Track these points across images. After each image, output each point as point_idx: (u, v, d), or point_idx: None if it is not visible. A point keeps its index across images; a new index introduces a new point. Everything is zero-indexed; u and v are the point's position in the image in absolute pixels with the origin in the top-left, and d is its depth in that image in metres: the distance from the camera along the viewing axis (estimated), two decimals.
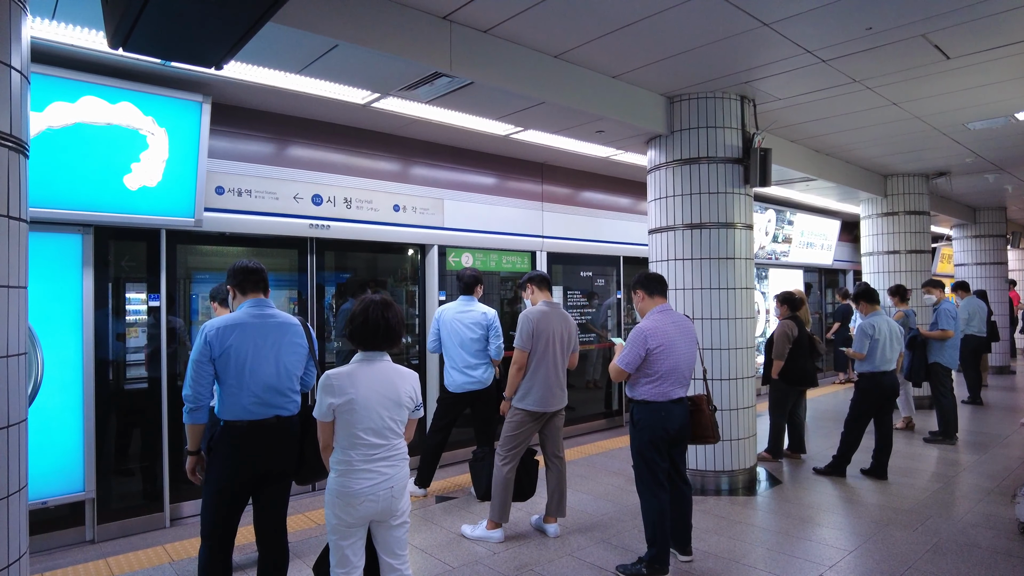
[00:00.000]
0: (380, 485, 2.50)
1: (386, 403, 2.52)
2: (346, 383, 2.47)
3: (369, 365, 2.55)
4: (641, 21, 3.83)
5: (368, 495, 2.47)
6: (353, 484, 2.47)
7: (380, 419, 2.51)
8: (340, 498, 2.48)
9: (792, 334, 5.85)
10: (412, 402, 2.63)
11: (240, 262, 3.02)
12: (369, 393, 2.49)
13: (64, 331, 4.06)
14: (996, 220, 11.98)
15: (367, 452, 2.49)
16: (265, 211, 4.92)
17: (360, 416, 2.47)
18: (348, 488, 2.47)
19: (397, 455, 2.58)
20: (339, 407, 2.46)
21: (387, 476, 2.52)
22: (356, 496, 2.46)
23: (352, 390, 2.46)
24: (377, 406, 2.50)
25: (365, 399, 2.47)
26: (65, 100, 3.79)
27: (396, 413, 2.56)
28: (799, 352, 5.88)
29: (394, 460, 2.56)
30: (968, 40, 4.20)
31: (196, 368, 2.79)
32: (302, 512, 4.60)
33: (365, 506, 2.48)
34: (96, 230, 4.17)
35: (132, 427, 4.47)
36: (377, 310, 2.56)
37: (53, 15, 3.23)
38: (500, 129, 5.49)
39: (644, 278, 3.75)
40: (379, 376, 2.54)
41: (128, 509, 4.35)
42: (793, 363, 5.85)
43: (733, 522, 4.38)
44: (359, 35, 3.46)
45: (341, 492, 2.48)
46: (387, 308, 2.59)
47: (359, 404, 2.46)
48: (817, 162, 7.23)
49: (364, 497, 2.47)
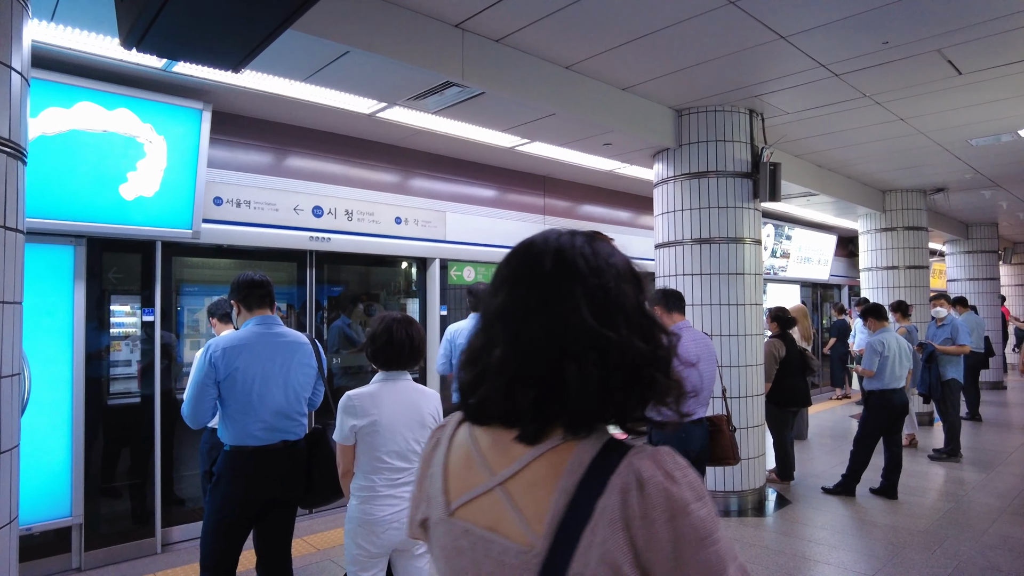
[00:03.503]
0: (405, 512, 2.37)
1: (410, 424, 2.42)
2: (368, 404, 2.36)
3: (392, 385, 2.45)
4: (658, 32, 3.76)
5: (392, 522, 2.36)
6: (376, 511, 2.35)
7: (404, 441, 2.39)
8: (363, 526, 2.35)
9: (779, 354, 5.61)
10: (435, 422, 2.52)
11: (245, 275, 2.86)
12: (393, 414, 2.38)
13: (53, 346, 3.87)
14: (988, 236, 12.07)
15: (391, 477, 2.38)
16: (264, 223, 4.77)
17: (384, 438, 2.36)
18: (371, 515, 2.35)
19: None
20: (361, 429, 2.35)
21: None
22: (380, 524, 2.35)
23: (375, 411, 2.35)
24: (401, 427, 2.39)
25: (389, 420, 2.37)
26: (60, 106, 3.63)
27: (420, 434, 2.45)
28: (788, 371, 5.65)
29: None
30: (981, 56, 4.18)
31: (199, 391, 2.63)
32: (301, 537, 4.41)
33: (389, 534, 2.35)
34: (89, 241, 4.00)
35: (123, 447, 4.27)
36: (401, 328, 2.45)
37: (52, 17, 3.09)
38: (506, 141, 5.39)
39: (662, 294, 3.64)
40: (402, 396, 2.43)
41: (117, 534, 4.14)
42: (782, 383, 5.61)
43: (748, 545, 4.25)
44: (371, 41, 3.35)
45: (364, 520, 2.35)
46: (410, 325, 2.49)
47: (383, 426, 2.35)
48: (820, 177, 7.20)
49: (388, 525, 2.35)
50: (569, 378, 0.78)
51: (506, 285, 0.87)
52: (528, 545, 0.79)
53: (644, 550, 0.75)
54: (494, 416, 0.85)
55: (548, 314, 0.81)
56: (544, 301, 0.82)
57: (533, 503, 0.80)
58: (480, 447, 0.89)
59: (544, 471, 0.81)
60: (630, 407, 0.82)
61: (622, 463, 0.78)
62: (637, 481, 0.76)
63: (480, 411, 0.88)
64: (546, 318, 0.81)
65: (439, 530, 0.90)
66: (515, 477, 0.83)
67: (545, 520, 0.78)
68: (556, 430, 0.82)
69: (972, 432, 7.95)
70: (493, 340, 0.85)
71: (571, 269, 0.83)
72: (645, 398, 0.83)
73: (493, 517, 0.84)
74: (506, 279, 0.87)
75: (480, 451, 0.89)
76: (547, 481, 0.80)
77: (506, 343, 0.83)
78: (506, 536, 0.81)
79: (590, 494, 0.77)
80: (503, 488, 0.84)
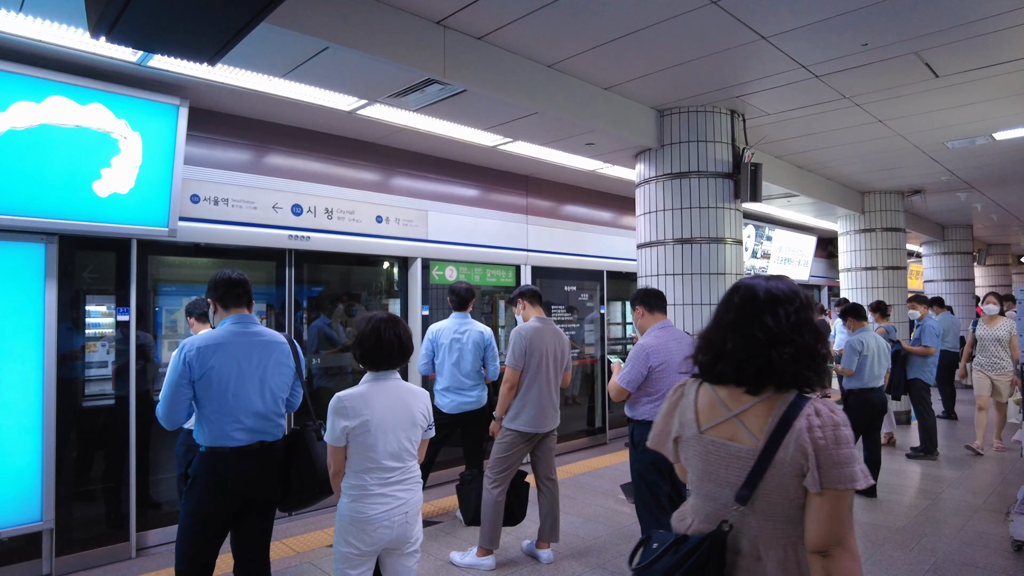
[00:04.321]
0: (395, 510, 2.37)
1: (401, 423, 2.41)
2: (360, 405, 2.34)
3: (381, 385, 2.44)
4: (640, 31, 3.76)
5: (383, 520, 2.34)
6: (368, 509, 2.34)
7: (396, 440, 2.39)
8: (354, 524, 2.34)
9: None
10: (425, 421, 2.52)
11: (222, 273, 2.80)
12: (384, 414, 2.37)
13: (23, 347, 3.77)
14: (963, 238, 12.28)
15: (383, 476, 2.37)
16: (243, 221, 4.69)
17: (376, 438, 2.35)
18: (363, 514, 2.33)
19: (412, 478, 2.46)
20: (353, 430, 2.33)
21: (402, 501, 2.40)
22: (371, 522, 2.33)
23: (367, 411, 2.34)
24: (393, 427, 2.39)
25: (380, 420, 2.36)
26: (30, 99, 3.53)
27: (411, 433, 2.45)
28: None
29: (409, 484, 2.44)
30: (957, 59, 4.24)
31: (174, 391, 2.57)
32: (280, 539, 4.34)
33: (380, 532, 2.34)
34: (61, 239, 3.90)
35: (96, 449, 4.17)
36: (388, 329, 2.44)
37: (21, 7, 3.01)
38: (488, 140, 5.37)
39: (644, 294, 3.64)
40: (393, 396, 2.43)
41: (90, 539, 4.05)
42: None
43: None
44: (351, 37, 3.31)
45: (355, 518, 2.33)
46: (396, 325, 2.48)
47: (374, 426, 2.34)
48: (800, 178, 7.27)
49: (379, 523, 2.34)
50: (775, 361, 1.44)
51: (736, 308, 1.52)
52: (752, 445, 1.45)
53: (817, 445, 1.37)
54: (729, 380, 1.51)
55: (763, 325, 1.47)
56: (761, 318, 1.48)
57: (756, 424, 1.46)
58: (720, 396, 1.54)
59: (763, 408, 1.47)
60: (807, 378, 1.46)
61: (806, 404, 1.43)
62: (815, 411, 1.41)
63: (720, 376, 1.53)
64: (762, 327, 1.47)
65: (691, 443, 1.56)
66: (745, 412, 1.49)
67: (764, 432, 1.43)
68: (769, 387, 1.47)
69: (948, 430, 8.06)
70: (726, 337, 1.51)
71: (775, 300, 1.49)
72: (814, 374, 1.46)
73: (730, 433, 1.50)
74: (735, 305, 1.53)
75: (720, 399, 1.54)
76: (765, 413, 1.46)
77: (738, 340, 1.49)
78: (739, 442, 1.47)
79: (790, 417, 1.41)
80: (737, 418, 1.50)
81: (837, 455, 1.36)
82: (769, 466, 1.40)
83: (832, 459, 1.35)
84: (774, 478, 1.40)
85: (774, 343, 1.44)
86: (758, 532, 1.43)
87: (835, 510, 1.35)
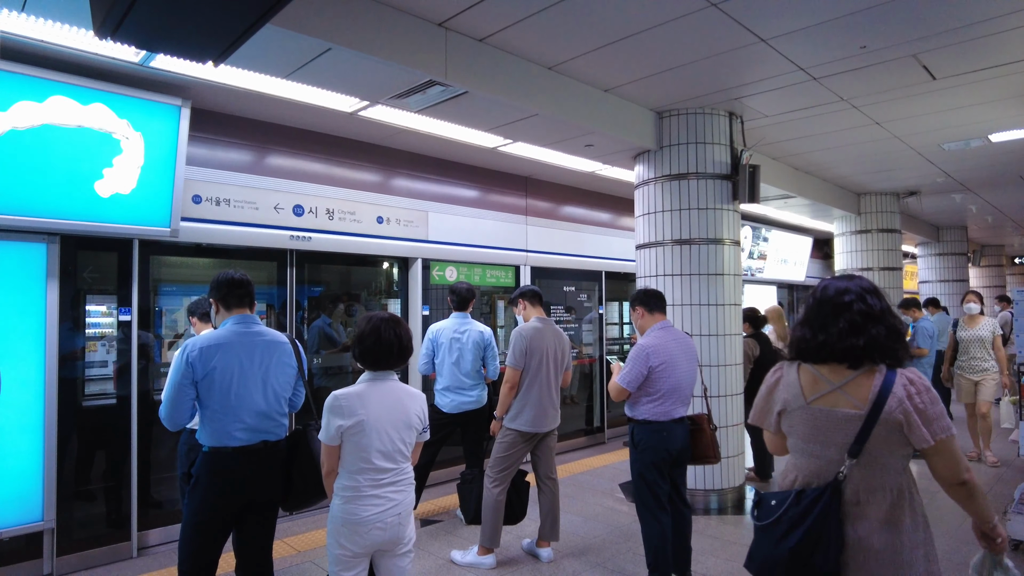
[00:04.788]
0: (388, 511, 2.37)
1: (396, 424, 2.41)
2: (356, 404, 2.35)
3: (378, 385, 2.44)
4: (640, 33, 3.78)
5: (376, 522, 2.35)
6: (360, 511, 2.34)
7: (391, 441, 2.39)
8: (346, 526, 2.34)
9: (753, 353, 5.66)
10: (421, 423, 2.52)
11: (224, 273, 2.81)
12: (380, 414, 2.38)
13: (25, 346, 3.77)
14: (958, 239, 12.34)
15: (376, 477, 2.37)
16: (244, 221, 4.70)
17: (370, 438, 2.35)
18: (355, 515, 2.33)
19: (405, 479, 2.47)
20: (348, 429, 2.33)
21: (395, 502, 2.41)
22: (363, 524, 2.33)
23: (362, 411, 2.34)
24: (388, 427, 2.39)
25: (376, 420, 2.36)
26: (32, 99, 3.54)
27: (406, 435, 2.45)
28: (763, 371, 5.67)
29: (402, 485, 2.45)
30: (954, 61, 4.27)
31: (176, 391, 2.58)
32: (282, 538, 4.36)
33: (373, 534, 2.34)
34: (63, 239, 3.91)
35: (98, 449, 4.18)
36: (388, 328, 2.45)
37: (23, 7, 3.02)
38: (488, 141, 5.39)
39: (643, 294, 3.66)
40: (389, 396, 2.43)
41: (91, 538, 4.05)
42: (757, 382, 5.66)
43: (728, 543, 4.30)
44: (354, 39, 3.32)
45: (347, 520, 2.34)
46: (397, 325, 2.48)
47: (369, 426, 2.34)
48: (796, 180, 7.31)
49: (372, 525, 2.34)
50: (876, 338, 1.79)
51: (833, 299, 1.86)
52: (857, 410, 1.76)
53: (918, 409, 1.71)
54: (833, 358, 1.83)
55: (861, 311, 1.81)
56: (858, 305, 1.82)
57: (858, 393, 1.78)
58: (822, 372, 1.86)
59: (863, 379, 1.79)
60: (896, 352, 1.80)
61: (900, 373, 1.76)
62: (908, 380, 1.75)
63: (823, 356, 1.85)
64: (860, 313, 1.81)
65: (797, 413, 1.88)
66: (848, 384, 1.81)
67: (868, 399, 1.75)
68: (867, 362, 1.80)
69: None
70: (827, 324, 1.84)
71: (866, 291, 1.86)
72: (902, 348, 1.81)
73: (834, 402, 1.82)
74: (831, 297, 1.87)
75: (822, 375, 1.86)
76: (866, 383, 1.78)
77: (843, 324, 1.81)
78: (844, 408, 1.79)
79: (888, 384, 1.74)
80: (840, 389, 1.81)
81: (935, 412, 1.72)
82: (875, 425, 1.72)
83: (932, 417, 1.71)
84: (879, 435, 1.73)
85: (872, 324, 1.80)
86: (860, 482, 1.77)
87: (951, 452, 1.73)
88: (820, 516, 1.74)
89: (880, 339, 1.78)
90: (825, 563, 1.73)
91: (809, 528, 1.74)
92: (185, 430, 3.64)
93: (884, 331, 1.79)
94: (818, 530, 1.74)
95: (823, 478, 1.80)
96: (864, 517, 1.76)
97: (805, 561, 1.74)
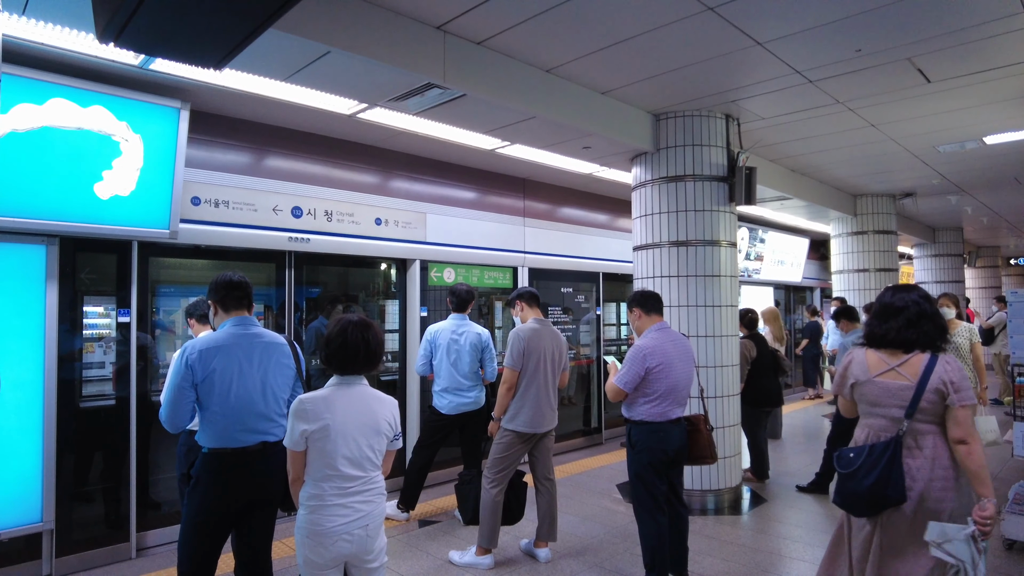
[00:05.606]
0: (355, 523, 2.28)
1: (364, 430, 2.32)
2: (321, 407, 2.26)
3: (346, 389, 2.35)
4: (637, 37, 3.81)
5: (341, 534, 2.25)
6: (325, 522, 2.24)
7: (358, 447, 2.30)
8: (311, 538, 2.25)
9: (750, 354, 5.68)
10: (391, 429, 2.41)
11: (223, 275, 2.82)
12: (346, 419, 2.28)
13: (24, 348, 3.78)
14: (954, 240, 12.40)
15: (342, 485, 2.28)
16: (243, 223, 4.72)
17: (336, 444, 2.25)
18: (319, 526, 2.24)
19: (374, 489, 2.36)
20: (312, 434, 2.24)
21: (363, 513, 2.30)
22: (328, 535, 2.24)
23: (328, 415, 2.25)
24: (355, 432, 2.29)
25: (342, 425, 2.27)
26: (32, 102, 3.55)
27: (375, 441, 2.35)
28: (760, 372, 5.72)
29: (370, 495, 2.34)
30: (949, 64, 4.31)
31: (176, 394, 2.60)
32: (281, 539, 4.37)
33: (338, 546, 2.25)
34: (62, 241, 3.92)
35: (97, 450, 4.18)
36: (356, 332, 2.35)
37: (24, 11, 3.03)
38: (486, 143, 5.41)
39: (640, 296, 3.68)
40: (357, 401, 2.33)
41: (90, 539, 4.06)
42: (754, 383, 5.66)
43: (724, 543, 4.32)
44: (353, 42, 3.34)
45: (312, 531, 2.25)
46: (366, 329, 2.38)
47: (335, 431, 2.25)
48: (793, 181, 7.35)
49: (337, 536, 2.24)
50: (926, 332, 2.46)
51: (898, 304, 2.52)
52: (909, 383, 2.41)
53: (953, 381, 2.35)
54: (893, 345, 2.50)
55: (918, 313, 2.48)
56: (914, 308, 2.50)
57: (909, 371, 2.44)
58: (883, 355, 2.52)
59: (914, 361, 2.44)
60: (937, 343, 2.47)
61: (940, 358, 2.42)
62: (946, 362, 2.41)
63: (885, 343, 2.51)
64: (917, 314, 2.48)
65: (865, 385, 2.52)
66: (902, 364, 2.46)
67: (917, 374, 2.41)
68: (916, 348, 2.46)
69: None
70: (890, 321, 2.51)
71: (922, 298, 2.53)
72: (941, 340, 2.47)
73: (891, 377, 2.47)
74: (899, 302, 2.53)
75: (883, 357, 2.51)
76: (916, 364, 2.43)
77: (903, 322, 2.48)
78: (899, 381, 2.44)
79: (932, 365, 2.40)
80: (896, 368, 2.47)
81: (963, 385, 2.36)
82: (923, 393, 2.39)
83: (960, 387, 2.36)
84: (927, 399, 2.39)
85: (924, 322, 2.48)
86: (914, 433, 2.43)
87: (966, 417, 2.36)
88: (888, 462, 2.40)
89: (929, 333, 2.47)
90: (895, 493, 2.37)
91: (881, 471, 2.39)
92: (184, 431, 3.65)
93: (932, 328, 2.48)
94: (887, 471, 2.39)
95: (887, 432, 2.47)
96: (918, 456, 2.42)
97: (880, 493, 2.39)
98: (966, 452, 2.33)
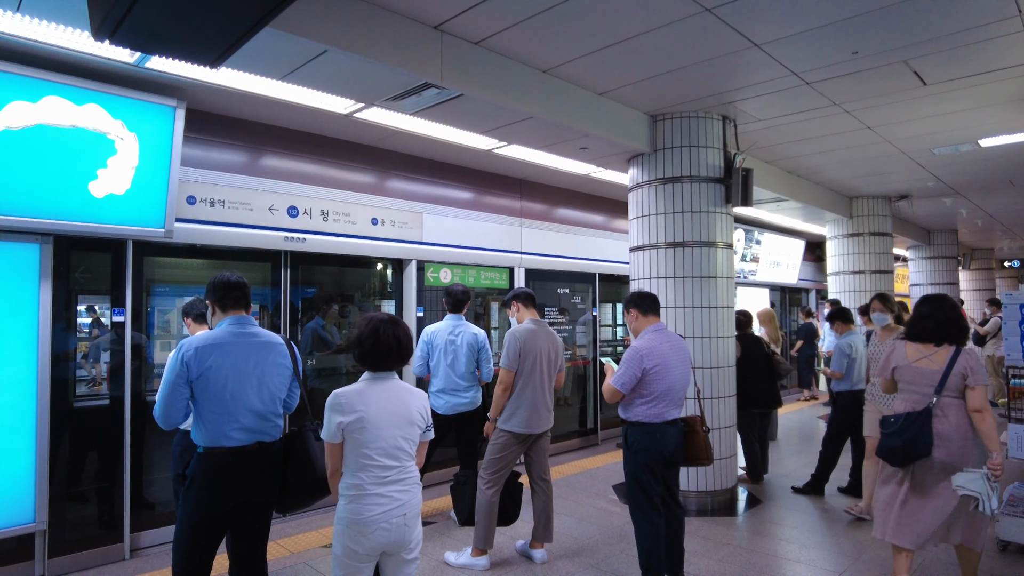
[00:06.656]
0: (394, 511, 2.36)
1: (398, 421, 2.41)
2: (356, 400, 2.35)
3: (379, 383, 2.45)
4: (634, 38, 3.81)
5: (380, 522, 2.33)
6: (365, 510, 2.32)
7: (392, 438, 2.38)
8: (351, 527, 2.32)
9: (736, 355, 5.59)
10: (423, 420, 2.52)
11: (221, 276, 2.81)
12: (380, 411, 2.37)
13: (16, 347, 3.76)
14: (949, 242, 12.44)
15: (379, 475, 2.36)
16: (239, 222, 4.70)
17: (371, 435, 2.35)
18: (360, 515, 2.32)
19: (410, 478, 2.45)
20: (348, 426, 2.33)
21: (400, 502, 2.38)
22: (368, 524, 2.31)
23: (362, 407, 2.34)
24: (389, 424, 2.38)
25: (376, 417, 2.36)
26: (26, 99, 3.53)
27: (408, 432, 2.44)
28: (751, 373, 5.69)
29: (407, 484, 2.43)
30: (945, 67, 4.32)
31: (171, 390, 2.58)
32: (276, 540, 4.35)
33: (378, 535, 2.33)
34: (56, 239, 3.90)
35: (90, 450, 4.16)
36: (388, 330, 2.44)
37: (18, 8, 3.01)
38: (483, 144, 5.40)
39: (637, 297, 3.68)
40: (389, 393, 2.43)
41: (83, 540, 4.04)
42: (743, 385, 5.59)
43: (720, 544, 4.32)
44: (350, 41, 3.33)
45: (352, 520, 2.32)
46: (396, 326, 2.48)
47: (370, 422, 2.34)
48: (789, 183, 7.36)
49: (376, 525, 2.32)
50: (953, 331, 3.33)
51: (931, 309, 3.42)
52: (938, 368, 3.27)
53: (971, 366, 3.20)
54: (927, 339, 3.36)
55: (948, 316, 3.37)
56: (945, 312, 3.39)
57: (939, 359, 3.29)
58: (918, 347, 3.38)
59: (943, 352, 3.30)
60: (961, 339, 3.33)
61: (963, 351, 3.27)
62: (968, 351, 3.27)
63: (922, 338, 3.38)
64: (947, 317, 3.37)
65: (904, 369, 3.39)
66: (934, 354, 3.31)
67: (944, 362, 3.26)
68: (944, 343, 3.32)
69: None
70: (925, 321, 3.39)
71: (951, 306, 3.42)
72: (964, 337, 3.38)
73: (925, 364, 3.32)
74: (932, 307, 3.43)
75: (918, 348, 3.38)
76: (944, 354, 3.29)
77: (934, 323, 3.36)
78: (931, 367, 3.30)
79: (956, 355, 3.25)
80: (928, 357, 3.32)
81: (979, 368, 3.17)
82: (949, 376, 3.18)
83: (977, 371, 3.16)
84: (951, 380, 3.18)
85: (952, 324, 3.31)
86: (942, 406, 3.19)
87: (982, 393, 3.14)
88: (919, 425, 3.17)
89: (955, 332, 3.30)
90: (924, 447, 3.14)
91: (915, 431, 3.16)
92: (179, 431, 3.64)
93: (956, 329, 3.31)
94: (919, 431, 3.16)
95: (920, 405, 3.24)
96: (944, 423, 3.18)
97: (913, 446, 3.15)
98: (980, 419, 3.12)
